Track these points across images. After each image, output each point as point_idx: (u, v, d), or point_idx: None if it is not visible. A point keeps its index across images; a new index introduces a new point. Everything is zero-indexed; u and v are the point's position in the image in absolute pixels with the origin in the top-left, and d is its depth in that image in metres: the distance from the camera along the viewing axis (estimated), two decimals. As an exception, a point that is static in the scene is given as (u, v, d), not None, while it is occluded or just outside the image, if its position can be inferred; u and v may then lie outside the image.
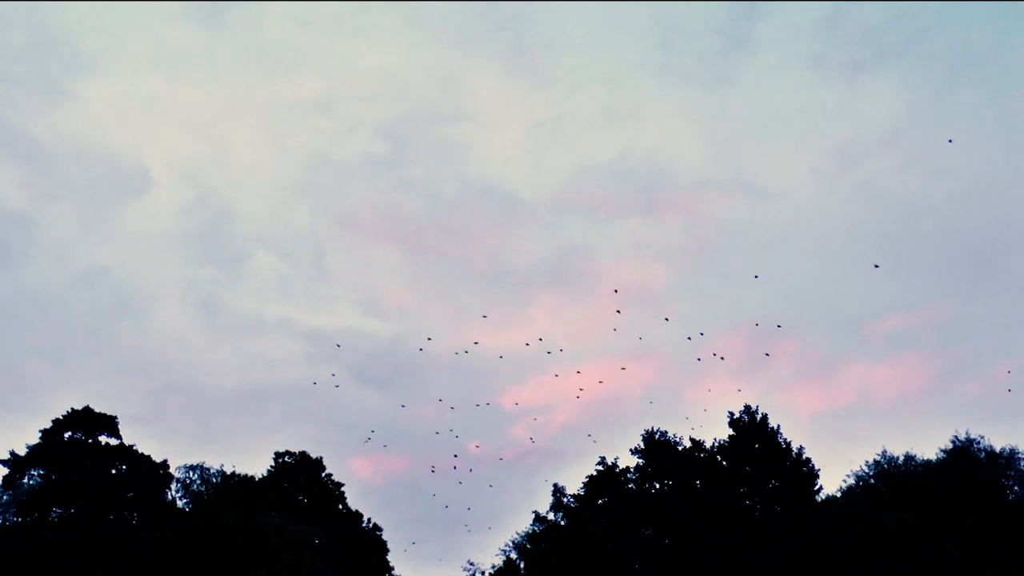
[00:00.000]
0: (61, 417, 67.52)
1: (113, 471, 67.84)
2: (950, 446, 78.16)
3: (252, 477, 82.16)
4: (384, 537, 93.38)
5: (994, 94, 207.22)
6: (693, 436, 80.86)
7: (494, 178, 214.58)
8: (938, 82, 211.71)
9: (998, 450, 76.24)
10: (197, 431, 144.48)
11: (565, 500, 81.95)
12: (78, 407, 68.09)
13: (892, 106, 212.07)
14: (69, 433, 67.38)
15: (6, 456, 65.89)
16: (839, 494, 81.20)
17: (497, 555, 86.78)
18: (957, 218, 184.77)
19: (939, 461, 78.01)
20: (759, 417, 78.56)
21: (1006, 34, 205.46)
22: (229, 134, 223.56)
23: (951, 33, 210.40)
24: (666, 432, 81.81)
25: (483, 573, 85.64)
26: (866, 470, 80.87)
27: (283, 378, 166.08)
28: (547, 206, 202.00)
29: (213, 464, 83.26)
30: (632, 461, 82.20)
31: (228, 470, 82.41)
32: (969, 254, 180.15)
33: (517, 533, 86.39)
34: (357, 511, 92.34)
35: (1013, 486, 75.01)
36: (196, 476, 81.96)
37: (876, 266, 65.78)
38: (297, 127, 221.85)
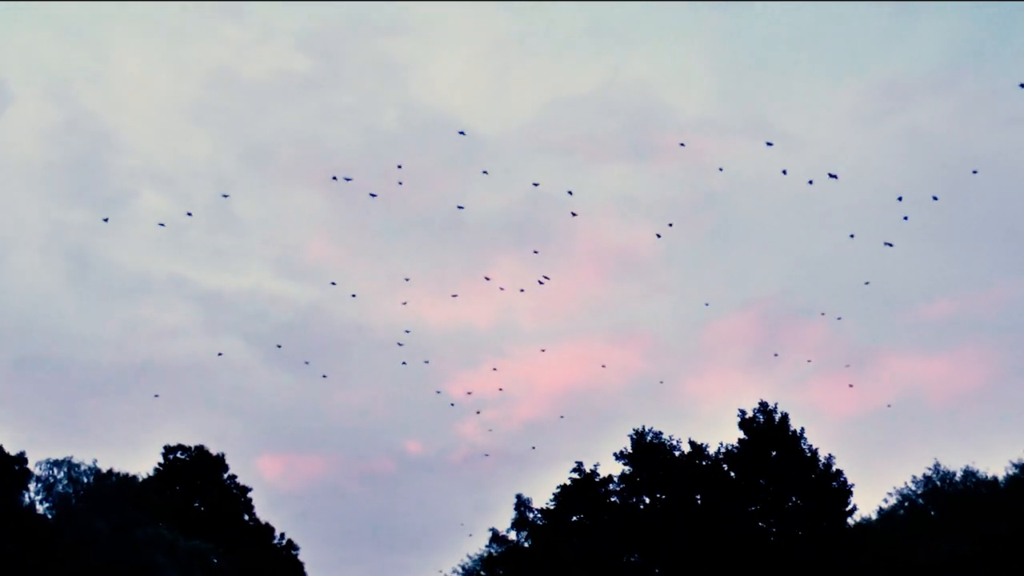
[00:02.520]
0: None
1: (-47, 466, 67.39)
2: (1022, 460, 78.42)
3: (134, 477, 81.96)
4: (301, 558, 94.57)
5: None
6: (693, 439, 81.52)
7: (445, 108, 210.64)
8: (1007, 11, 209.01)
9: (1085, 466, 77.23)
10: (64, 418, 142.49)
11: (531, 515, 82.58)
12: (-95, 383, 68.41)
13: (952, 36, 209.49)
14: None
15: None
16: (876, 517, 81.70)
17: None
18: None
19: (1008, 479, 78.41)
20: (777, 417, 79.07)
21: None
22: (110, 41, 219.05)
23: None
24: (660, 433, 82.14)
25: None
26: (912, 488, 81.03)
27: (174, 352, 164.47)
28: (512, 145, 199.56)
29: (84, 460, 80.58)
30: (617, 468, 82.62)
31: (103, 468, 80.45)
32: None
33: (469, 556, 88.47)
34: (267, 523, 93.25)
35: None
36: (62, 474, 79.11)
37: (905, 218, 65.82)
38: (196, 34, 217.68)
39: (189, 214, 71.43)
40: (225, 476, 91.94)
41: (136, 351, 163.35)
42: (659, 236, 76.47)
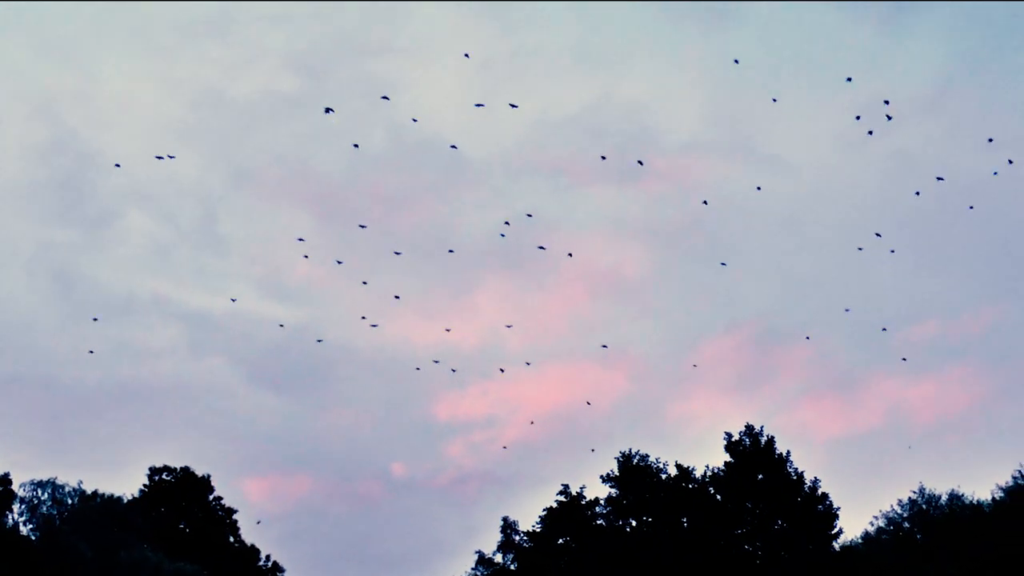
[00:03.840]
0: None
1: (-64, 486, 67.29)
2: (1011, 483, 78.84)
3: (119, 498, 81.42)
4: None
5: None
6: (680, 462, 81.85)
7: (433, 128, 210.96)
8: (1000, 29, 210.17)
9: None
10: (48, 438, 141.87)
11: (517, 538, 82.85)
12: None
13: (940, 57, 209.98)
14: None
15: None
16: (862, 540, 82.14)
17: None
18: (1018, 202, 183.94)
19: (995, 503, 79.02)
20: (764, 440, 79.54)
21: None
22: (97, 59, 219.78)
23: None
24: (647, 456, 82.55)
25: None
26: (898, 511, 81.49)
27: (159, 373, 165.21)
28: (499, 166, 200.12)
29: (68, 481, 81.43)
30: (603, 491, 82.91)
31: (88, 489, 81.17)
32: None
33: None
34: (252, 545, 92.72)
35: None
36: (46, 495, 79.83)
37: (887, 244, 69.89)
38: (184, 54, 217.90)
39: (160, 157, 71.61)
40: (211, 498, 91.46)
41: (120, 371, 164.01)
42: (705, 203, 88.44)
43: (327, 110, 68.30)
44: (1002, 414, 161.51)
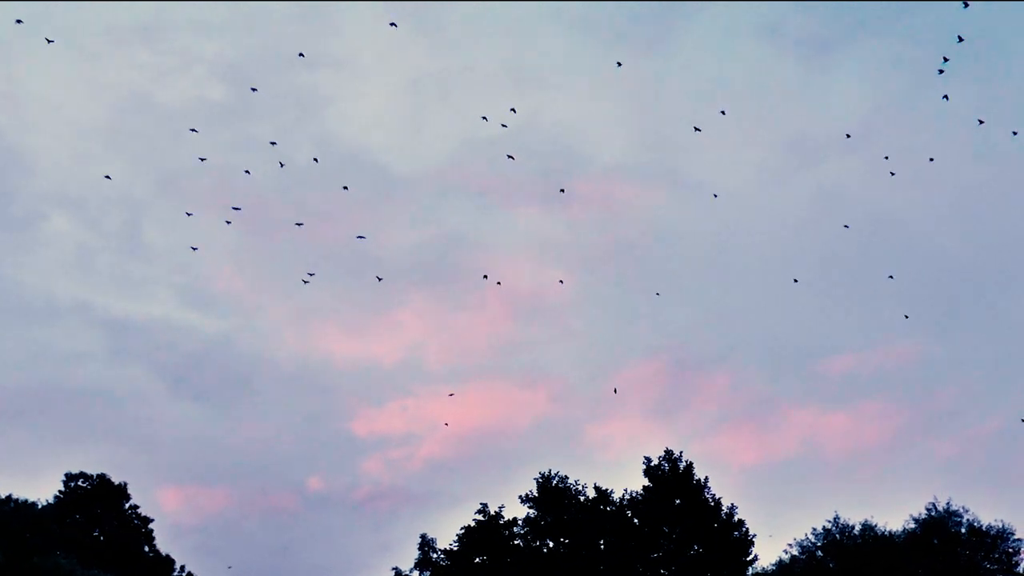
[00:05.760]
0: None
1: None
2: (924, 515, 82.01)
3: (33, 504, 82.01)
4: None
5: (991, 87, 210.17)
6: (599, 485, 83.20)
7: (361, 143, 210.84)
8: (923, 68, 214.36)
9: (984, 527, 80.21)
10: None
11: (434, 556, 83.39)
12: None
13: (863, 94, 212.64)
14: None
15: None
16: (776, 567, 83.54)
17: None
18: (936, 238, 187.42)
19: (907, 534, 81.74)
20: (682, 466, 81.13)
21: (1010, 14, 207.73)
22: (22, 60, 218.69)
23: (943, 8, 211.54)
24: (566, 477, 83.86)
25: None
26: (812, 540, 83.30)
27: (78, 378, 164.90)
28: (425, 184, 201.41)
29: None
30: (521, 511, 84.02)
31: (2, 494, 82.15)
32: (949, 284, 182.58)
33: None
34: (168, 556, 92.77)
35: (995, 571, 78.74)
36: None
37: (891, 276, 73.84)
38: (112, 58, 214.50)
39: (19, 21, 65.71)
40: (127, 506, 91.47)
41: (38, 376, 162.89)
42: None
43: None
44: (915, 448, 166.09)
